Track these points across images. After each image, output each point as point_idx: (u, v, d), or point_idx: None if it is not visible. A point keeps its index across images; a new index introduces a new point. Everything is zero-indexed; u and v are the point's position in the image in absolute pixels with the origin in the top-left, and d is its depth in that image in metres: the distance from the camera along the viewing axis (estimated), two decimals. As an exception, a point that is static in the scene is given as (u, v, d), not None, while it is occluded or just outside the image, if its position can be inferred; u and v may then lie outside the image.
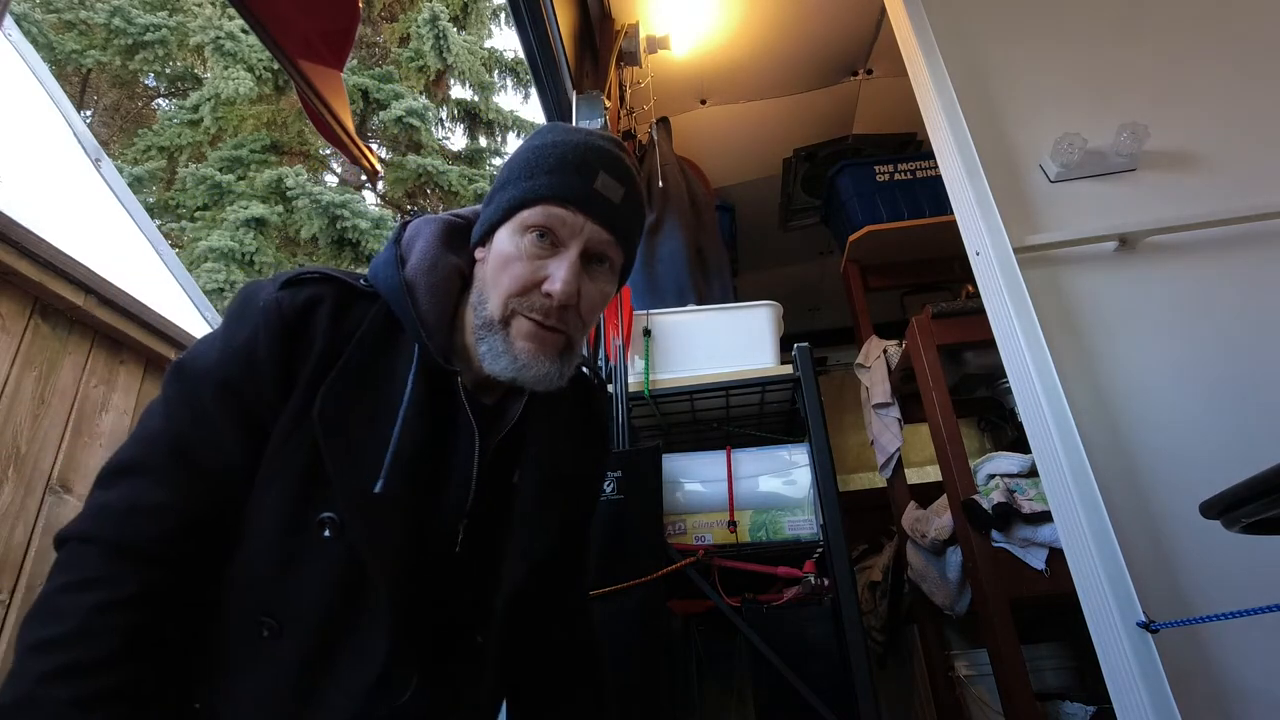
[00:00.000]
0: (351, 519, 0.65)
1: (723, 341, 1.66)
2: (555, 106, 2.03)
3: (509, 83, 11.39)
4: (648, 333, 1.66)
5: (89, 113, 10.56)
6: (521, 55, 2.31)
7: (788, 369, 1.55)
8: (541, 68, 1.93)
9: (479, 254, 0.77)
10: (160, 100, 11.20)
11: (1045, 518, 1.42)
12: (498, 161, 10.81)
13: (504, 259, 0.72)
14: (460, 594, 0.74)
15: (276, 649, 0.65)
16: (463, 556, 0.73)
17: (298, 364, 0.68)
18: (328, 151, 10.68)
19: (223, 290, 8.24)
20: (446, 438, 0.72)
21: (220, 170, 9.25)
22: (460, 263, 0.78)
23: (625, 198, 0.75)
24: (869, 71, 2.62)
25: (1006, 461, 1.62)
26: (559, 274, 0.70)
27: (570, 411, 0.86)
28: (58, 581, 0.61)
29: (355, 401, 0.68)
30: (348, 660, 0.66)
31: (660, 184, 2.26)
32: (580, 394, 0.88)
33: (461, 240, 0.80)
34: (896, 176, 2.53)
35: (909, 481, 2.14)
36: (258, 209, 8.79)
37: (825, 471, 1.38)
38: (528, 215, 0.72)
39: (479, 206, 0.81)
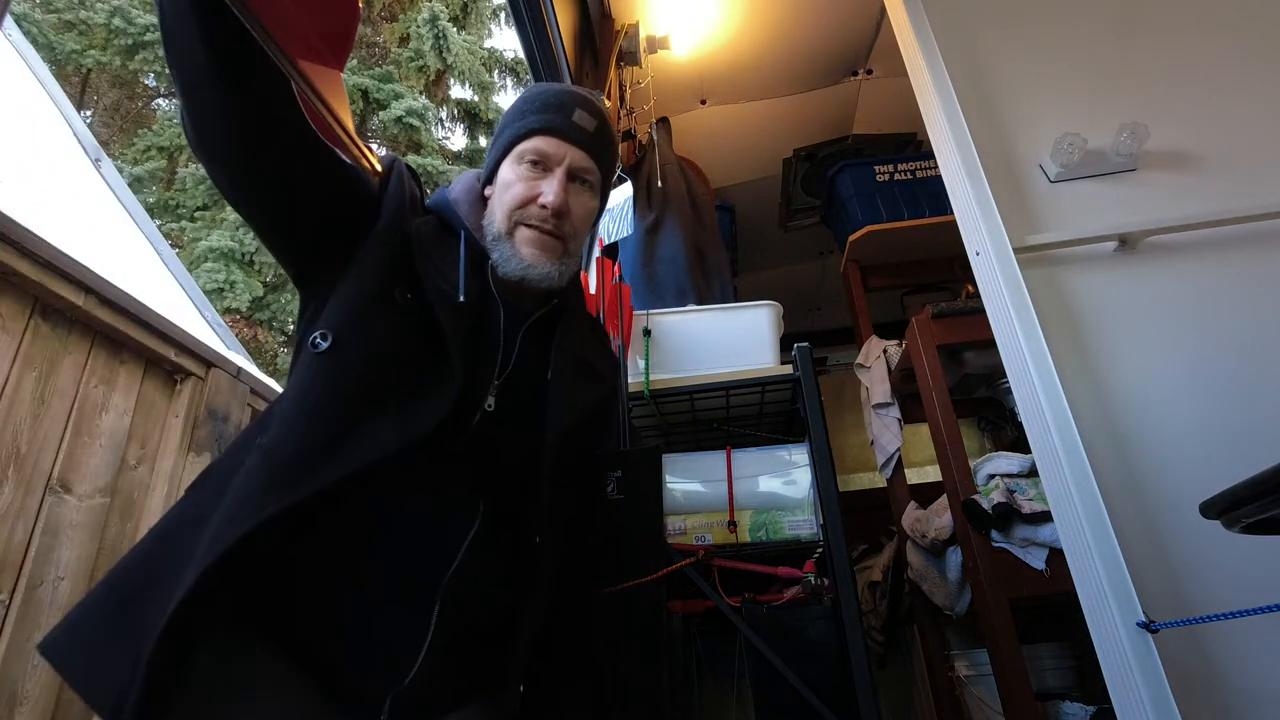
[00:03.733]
0: (435, 306, 0.77)
1: (723, 341, 1.65)
2: (555, 106, 2.03)
3: (509, 83, 11.40)
4: (648, 333, 1.66)
5: (89, 113, 10.56)
6: (521, 55, 2.31)
7: (788, 369, 1.55)
8: (541, 68, 1.93)
9: (487, 191, 0.94)
10: (160, 100, 11.20)
11: (1045, 518, 1.42)
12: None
13: (506, 184, 0.90)
14: (501, 452, 0.83)
15: (327, 361, 0.71)
16: (496, 417, 0.83)
17: (394, 201, 0.83)
18: (328, 151, 10.66)
19: (222, 290, 8.22)
20: (485, 303, 0.87)
21: (220, 170, 9.23)
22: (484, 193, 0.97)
23: (598, 129, 0.93)
24: (869, 71, 2.61)
25: (1006, 461, 1.62)
26: (550, 188, 0.87)
27: (590, 335, 1.03)
28: None
29: (431, 243, 0.84)
30: (409, 388, 0.74)
31: (660, 184, 2.25)
32: (599, 328, 1.08)
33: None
34: (896, 176, 2.53)
35: (909, 481, 2.14)
36: (258, 209, 8.77)
37: (825, 471, 1.38)
38: (522, 148, 0.90)
39: None
